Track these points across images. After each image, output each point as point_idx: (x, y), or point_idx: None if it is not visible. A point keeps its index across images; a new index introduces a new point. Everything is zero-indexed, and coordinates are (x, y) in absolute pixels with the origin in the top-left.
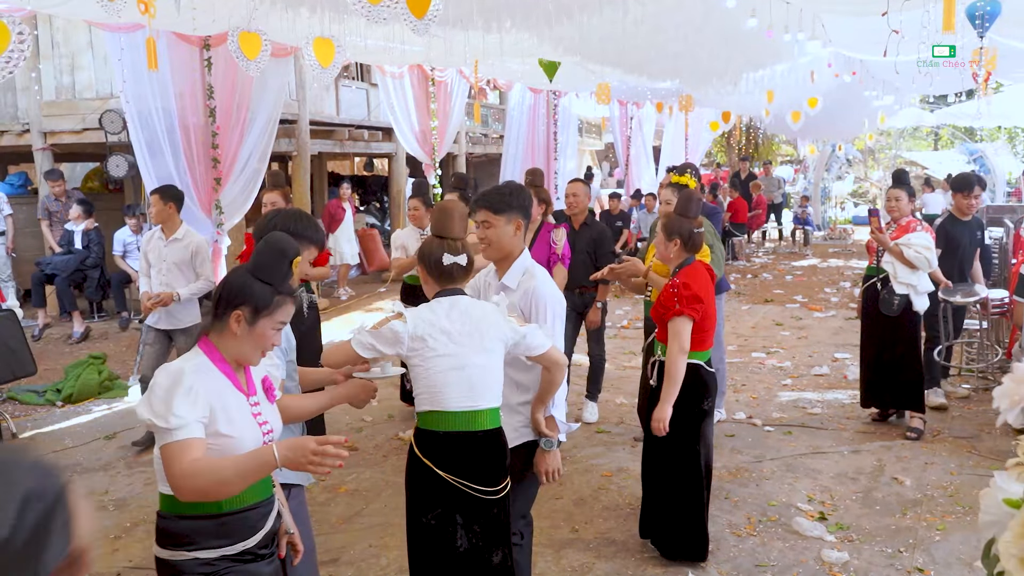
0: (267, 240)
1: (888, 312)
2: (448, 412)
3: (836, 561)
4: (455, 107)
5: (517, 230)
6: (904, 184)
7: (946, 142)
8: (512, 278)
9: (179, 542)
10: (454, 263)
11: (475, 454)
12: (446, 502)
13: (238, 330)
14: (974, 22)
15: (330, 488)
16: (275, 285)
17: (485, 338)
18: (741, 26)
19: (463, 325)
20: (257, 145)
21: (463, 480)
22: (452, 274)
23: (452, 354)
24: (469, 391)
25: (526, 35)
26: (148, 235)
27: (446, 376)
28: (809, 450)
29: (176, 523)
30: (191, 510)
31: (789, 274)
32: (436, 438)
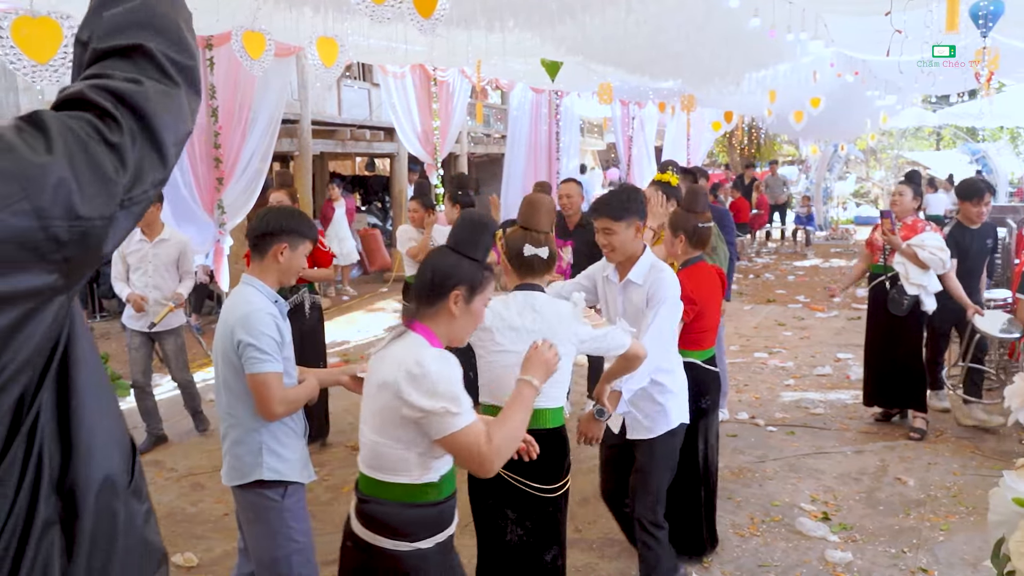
0: (465, 218)
1: (897, 312)
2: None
3: (839, 561)
4: (457, 107)
5: (637, 232)
6: (912, 182)
7: (948, 142)
8: (638, 274)
9: (404, 532)
10: (535, 255)
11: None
12: (498, 495)
13: (456, 310)
14: (977, 22)
15: (333, 488)
16: (480, 261)
17: (555, 338)
18: (744, 26)
19: (534, 323)
20: (259, 145)
21: (519, 477)
22: (532, 266)
23: (518, 351)
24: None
25: (529, 35)
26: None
27: (509, 372)
28: (812, 450)
29: (402, 512)
30: (419, 498)
31: (791, 274)
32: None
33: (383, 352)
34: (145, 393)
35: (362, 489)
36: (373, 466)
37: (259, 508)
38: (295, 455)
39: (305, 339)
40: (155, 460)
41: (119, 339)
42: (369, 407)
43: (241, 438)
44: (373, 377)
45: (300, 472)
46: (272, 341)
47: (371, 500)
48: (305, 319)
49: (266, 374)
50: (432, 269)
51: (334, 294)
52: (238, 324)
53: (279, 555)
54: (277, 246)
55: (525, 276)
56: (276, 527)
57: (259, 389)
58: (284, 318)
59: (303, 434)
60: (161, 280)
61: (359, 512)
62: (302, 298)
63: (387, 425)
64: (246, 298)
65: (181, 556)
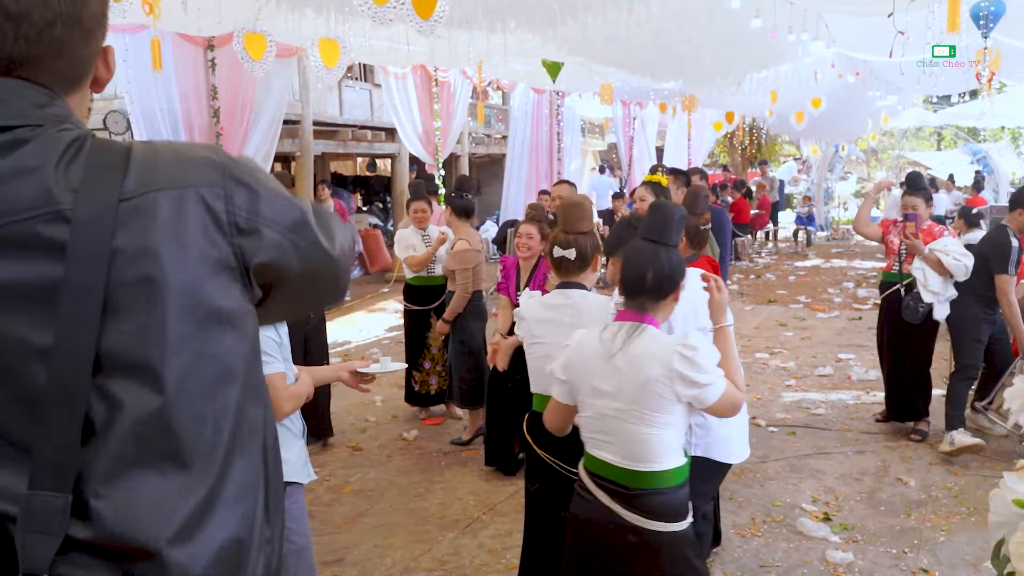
0: (656, 209)
1: (912, 320)
2: (546, 396)
3: (840, 562)
4: (458, 107)
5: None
6: (920, 189)
7: (949, 142)
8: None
9: (681, 512)
10: (562, 256)
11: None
12: (544, 477)
13: (678, 298)
14: (978, 22)
15: (334, 488)
16: (676, 246)
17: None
18: (745, 26)
19: (571, 318)
20: (261, 145)
21: (556, 459)
22: (560, 266)
23: (551, 343)
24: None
25: (530, 35)
26: None
27: (544, 363)
28: (813, 451)
29: (676, 494)
30: (682, 477)
31: (792, 274)
32: (536, 418)
33: (627, 353)
34: None
35: (627, 484)
36: (639, 458)
37: None
38: (293, 455)
39: (310, 339)
40: None
41: None
42: (629, 406)
43: None
44: (630, 379)
45: (298, 472)
46: (272, 342)
47: (645, 492)
48: (310, 318)
49: (271, 376)
50: (668, 265)
51: None
52: None
53: None
54: None
55: (561, 276)
56: None
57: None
58: None
59: (301, 434)
60: None
61: (634, 505)
62: None
63: (658, 414)
64: None
65: None
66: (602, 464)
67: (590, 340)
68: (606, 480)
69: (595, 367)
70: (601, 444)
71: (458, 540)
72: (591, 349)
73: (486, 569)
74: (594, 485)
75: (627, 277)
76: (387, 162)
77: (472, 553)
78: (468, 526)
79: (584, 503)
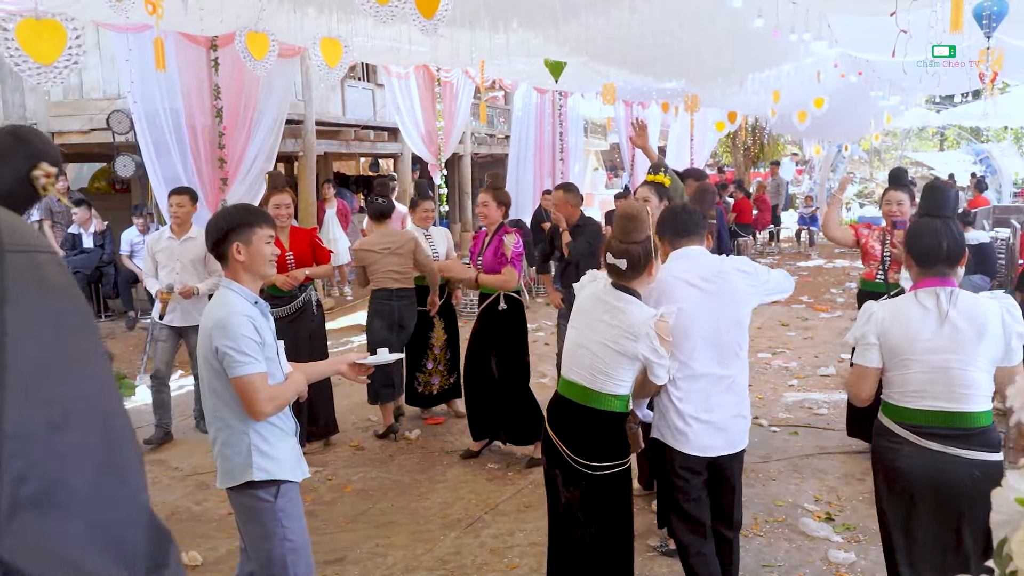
0: (933, 189)
1: None
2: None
3: (843, 562)
4: (461, 107)
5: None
6: (904, 185)
7: (952, 142)
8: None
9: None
10: (613, 264)
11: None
12: (549, 456)
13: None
14: (981, 22)
15: (336, 487)
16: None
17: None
18: (747, 26)
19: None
20: (263, 145)
21: (560, 440)
22: (612, 272)
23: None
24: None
25: (532, 35)
26: (156, 236)
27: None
28: (815, 450)
29: (996, 429)
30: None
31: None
32: (558, 403)
33: (959, 312)
34: (164, 385)
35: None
36: (966, 401)
37: (253, 510)
38: (285, 454)
39: (314, 337)
40: (160, 459)
41: (124, 339)
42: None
43: (229, 440)
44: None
45: (292, 470)
46: (251, 342)
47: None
48: (313, 316)
49: (250, 376)
50: (948, 237)
51: (338, 294)
52: (215, 329)
53: (275, 555)
54: (230, 249)
55: (614, 278)
56: (271, 528)
57: (245, 391)
58: (266, 317)
59: (293, 432)
60: (188, 277)
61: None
62: (309, 296)
63: (991, 360)
64: (222, 301)
65: (185, 555)
66: (930, 413)
67: (905, 307)
68: (937, 428)
69: (924, 328)
70: (928, 395)
71: (460, 539)
72: (913, 314)
73: (488, 568)
74: (917, 436)
75: (924, 248)
76: (389, 162)
77: (474, 552)
78: (470, 525)
79: (908, 456)
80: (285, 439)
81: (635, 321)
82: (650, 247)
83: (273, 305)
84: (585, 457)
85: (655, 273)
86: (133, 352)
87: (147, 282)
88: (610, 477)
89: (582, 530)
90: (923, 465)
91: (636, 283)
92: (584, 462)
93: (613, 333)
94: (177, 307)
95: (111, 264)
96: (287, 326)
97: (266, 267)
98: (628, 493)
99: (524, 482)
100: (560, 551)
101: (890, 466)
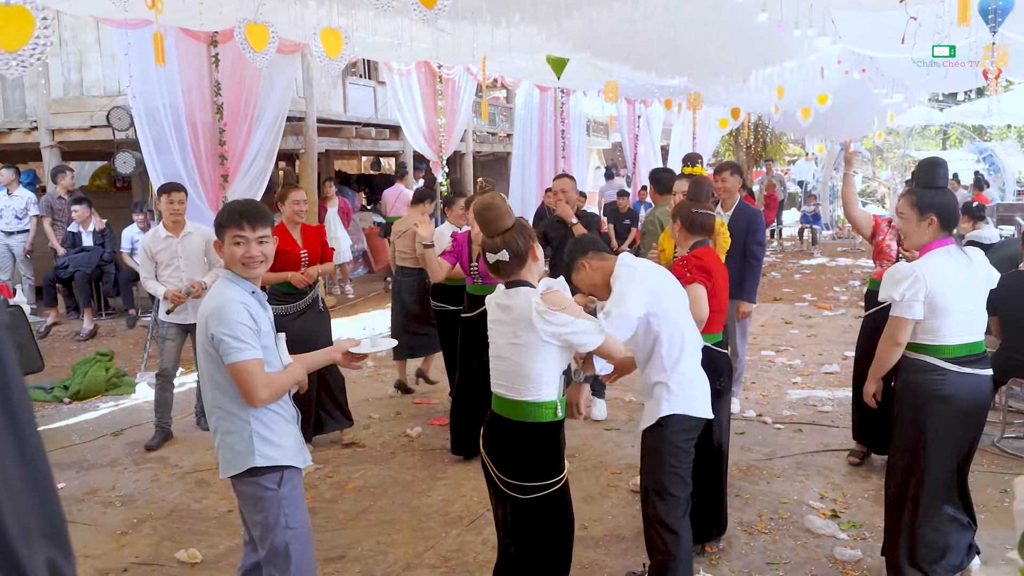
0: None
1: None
2: (503, 397)
3: (849, 559)
4: (463, 104)
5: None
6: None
7: (955, 141)
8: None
9: None
10: (497, 260)
11: (501, 438)
12: (485, 473)
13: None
14: (986, 17)
15: (338, 485)
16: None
17: (518, 330)
18: (751, 21)
19: (511, 318)
20: (264, 142)
21: (490, 459)
22: (500, 270)
23: (496, 343)
24: (497, 376)
25: (535, 30)
26: (151, 237)
27: (490, 361)
28: (820, 448)
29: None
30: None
31: (798, 272)
32: (493, 421)
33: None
34: (169, 383)
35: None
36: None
37: (256, 499)
38: (287, 440)
39: (321, 334)
40: (160, 456)
41: (125, 336)
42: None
43: (230, 428)
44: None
45: (294, 457)
46: (246, 329)
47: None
48: (318, 313)
49: (245, 362)
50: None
51: (339, 292)
52: (211, 317)
53: (278, 543)
54: (216, 245)
55: (503, 278)
56: (275, 516)
57: (240, 377)
58: (264, 307)
59: (294, 420)
60: (193, 272)
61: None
62: (317, 293)
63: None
64: (219, 290)
65: (185, 552)
66: (964, 346)
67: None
68: (970, 356)
69: (959, 278)
70: (965, 332)
71: (461, 536)
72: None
73: (489, 566)
74: (959, 365)
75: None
76: (391, 161)
77: (475, 550)
78: (471, 523)
79: (954, 384)
80: (287, 426)
81: (523, 306)
82: (527, 231)
83: (282, 302)
84: (513, 476)
85: (539, 256)
86: (134, 350)
87: (147, 284)
88: (537, 501)
89: (513, 548)
90: (968, 387)
91: (525, 272)
92: (511, 482)
93: (513, 329)
94: (187, 305)
95: (111, 262)
96: (296, 322)
97: (235, 266)
98: (560, 514)
99: None
100: (499, 567)
101: (938, 394)
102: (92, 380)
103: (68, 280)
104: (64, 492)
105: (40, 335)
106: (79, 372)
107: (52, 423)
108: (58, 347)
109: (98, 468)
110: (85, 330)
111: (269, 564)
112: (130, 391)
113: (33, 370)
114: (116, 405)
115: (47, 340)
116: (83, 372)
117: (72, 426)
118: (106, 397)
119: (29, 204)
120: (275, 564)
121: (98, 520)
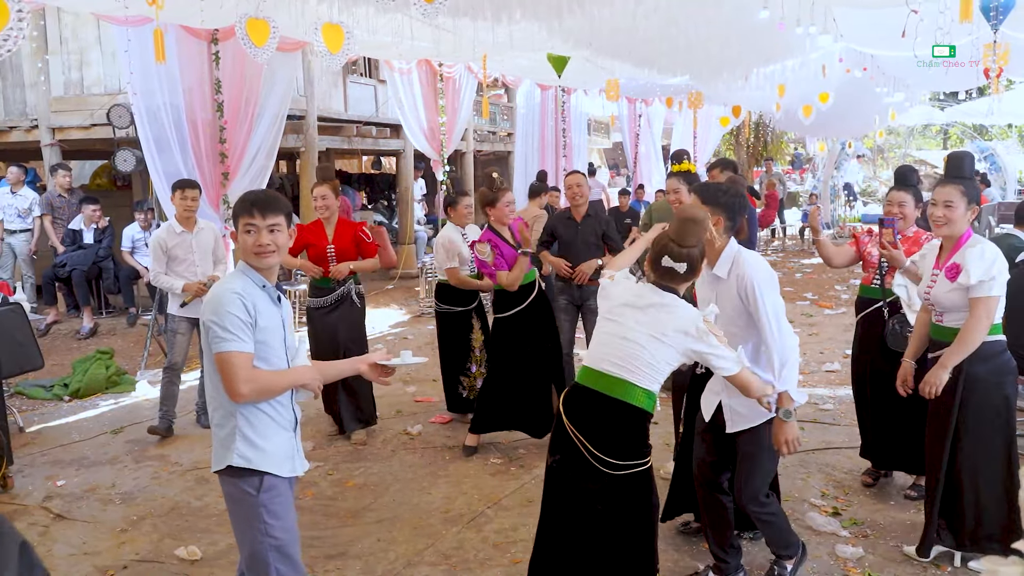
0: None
1: (898, 348)
2: (596, 370)
3: (851, 556)
4: (463, 103)
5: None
6: (910, 185)
7: (956, 140)
8: (722, 268)
9: None
10: (671, 267)
11: (593, 413)
12: (561, 449)
13: None
14: (988, 15)
15: (338, 482)
16: None
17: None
18: (753, 19)
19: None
20: (265, 140)
21: (579, 433)
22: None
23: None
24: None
25: (536, 27)
26: (164, 232)
27: (607, 339)
28: (822, 445)
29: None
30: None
31: (799, 271)
32: (576, 392)
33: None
34: (177, 377)
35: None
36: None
37: (234, 500)
38: (273, 446)
39: (354, 328)
40: (160, 454)
41: (124, 335)
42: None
43: (220, 423)
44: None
45: (278, 464)
46: (237, 320)
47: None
48: (356, 308)
49: (229, 353)
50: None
51: None
52: (207, 305)
53: (255, 549)
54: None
55: (661, 280)
56: (251, 521)
57: (222, 368)
58: (275, 303)
59: (290, 426)
60: (207, 267)
61: None
62: (349, 289)
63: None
64: (223, 282)
65: (185, 549)
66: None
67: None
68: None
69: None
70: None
71: (462, 534)
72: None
73: (490, 563)
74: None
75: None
76: (391, 160)
77: (476, 547)
78: (472, 520)
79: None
80: (277, 431)
81: (686, 318)
82: (702, 255)
83: (317, 294)
84: (605, 452)
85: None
86: (134, 348)
87: (159, 280)
88: (631, 477)
89: (597, 528)
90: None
91: (680, 287)
92: (604, 458)
93: (662, 327)
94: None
95: (109, 259)
96: (324, 316)
97: (248, 256)
98: (651, 491)
99: (527, 477)
100: (554, 548)
101: (1011, 366)
102: (92, 378)
103: (67, 278)
104: (64, 490)
105: (40, 333)
106: (79, 370)
107: (52, 421)
108: (58, 345)
109: (98, 466)
110: (85, 328)
111: (251, 571)
112: (130, 389)
113: (33, 368)
114: (116, 403)
115: (47, 338)
116: (83, 370)
117: (72, 424)
118: (106, 395)
119: (33, 204)
120: (255, 572)
121: (98, 517)
